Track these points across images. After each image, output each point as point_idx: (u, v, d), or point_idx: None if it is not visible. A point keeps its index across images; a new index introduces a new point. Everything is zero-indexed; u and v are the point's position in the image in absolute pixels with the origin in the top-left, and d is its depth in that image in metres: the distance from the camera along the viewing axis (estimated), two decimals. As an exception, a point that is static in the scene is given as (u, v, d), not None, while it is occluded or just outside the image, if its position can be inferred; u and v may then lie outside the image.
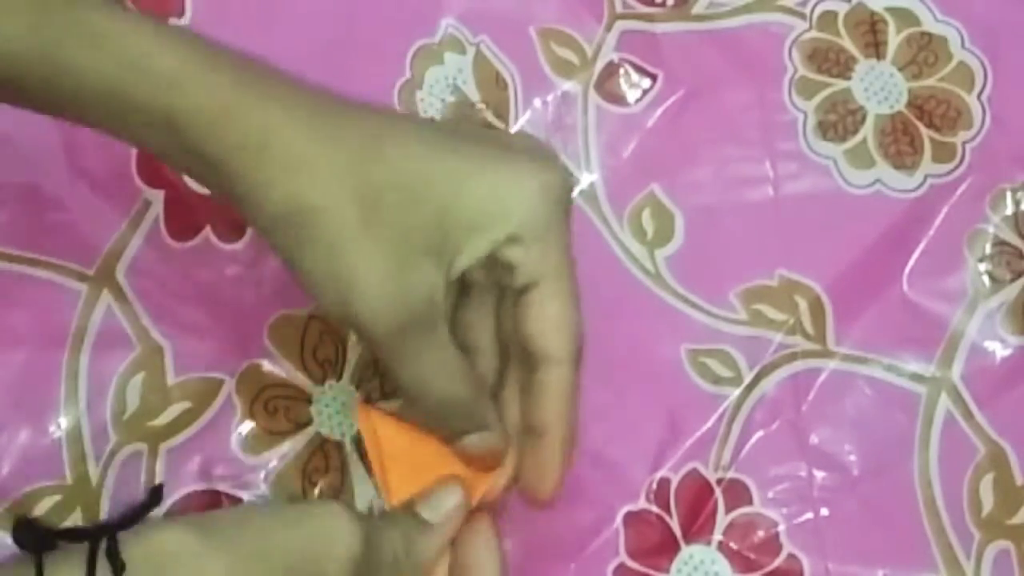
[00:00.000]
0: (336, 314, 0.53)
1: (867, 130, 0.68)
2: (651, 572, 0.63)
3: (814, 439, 0.65)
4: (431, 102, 0.68)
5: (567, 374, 0.55)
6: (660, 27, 0.70)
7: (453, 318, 0.57)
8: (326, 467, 0.63)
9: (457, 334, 0.56)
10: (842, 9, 0.70)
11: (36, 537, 0.50)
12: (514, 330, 0.55)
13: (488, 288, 0.57)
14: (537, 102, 0.68)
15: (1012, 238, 0.67)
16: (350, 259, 0.52)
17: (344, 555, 0.50)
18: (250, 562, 0.49)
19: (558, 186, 0.54)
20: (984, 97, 0.69)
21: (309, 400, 0.64)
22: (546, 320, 0.54)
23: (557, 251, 0.54)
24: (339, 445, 0.64)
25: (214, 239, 0.65)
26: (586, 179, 0.68)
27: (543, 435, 0.55)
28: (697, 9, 0.70)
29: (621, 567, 0.63)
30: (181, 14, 0.68)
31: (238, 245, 0.65)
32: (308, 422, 0.64)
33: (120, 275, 0.64)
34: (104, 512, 0.62)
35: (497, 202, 0.53)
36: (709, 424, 0.64)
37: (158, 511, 0.61)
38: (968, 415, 0.65)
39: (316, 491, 0.63)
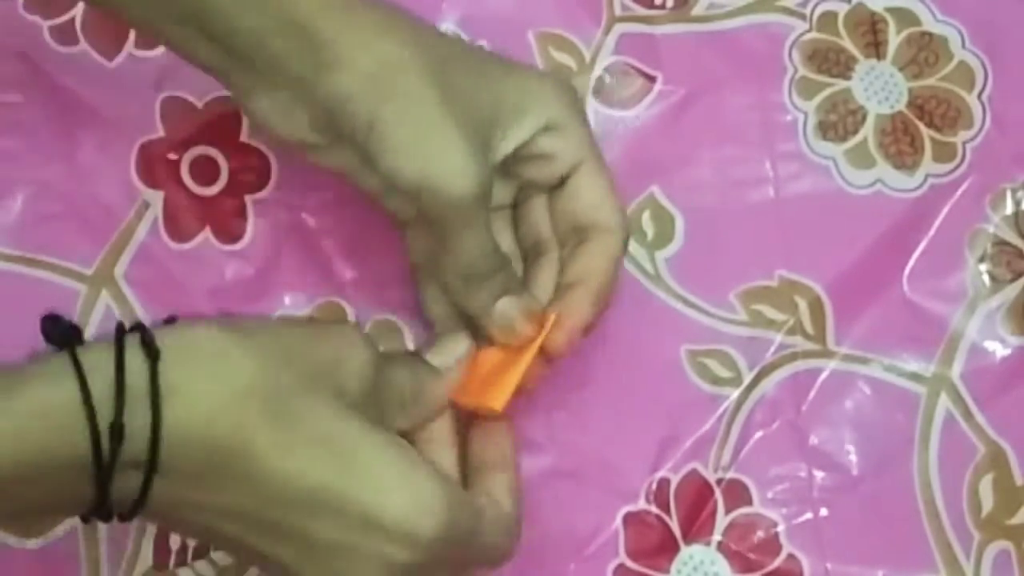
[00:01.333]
0: (415, 180, 0.54)
1: (867, 130, 0.68)
2: (651, 572, 0.63)
3: (814, 439, 0.65)
4: (431, 103, 0.68)
5: (615, 240, 0.59)
6: (659, 29, 0.70)
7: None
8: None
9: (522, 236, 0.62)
10: (842, 9, 0.70)
11: (63, 331, 0.49)
12: (561, 215, 0.60)
13: (505, 200, 0.61)
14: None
15: (1012, 238, 0.67)
16: (437, 121, 0.54)
17: (359, 371, 0.52)
18: (278, 365, 0.49)
19: (571, 86, 0.61)
20: (984, 97, 0.69)
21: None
22: (597, 191, 0.59)
23: (590, 138, 0.60)
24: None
25: (213, 240, 0.65)
26: (586, 179, 0.67)
27: (578, 286, 0.58)
28: (697, 10, 0.70)
29: (621, 568, 0.63)
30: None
31: (237, 246, 0.65)
32: (307, 422, 0.64)
33: (119, 276, 0.64)
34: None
35: (534, 93, 0.58)
36: (709, 425, 0.64)
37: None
38: (968, 415, 0.65)
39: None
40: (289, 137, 0.58)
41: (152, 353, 0.47)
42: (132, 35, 0.67)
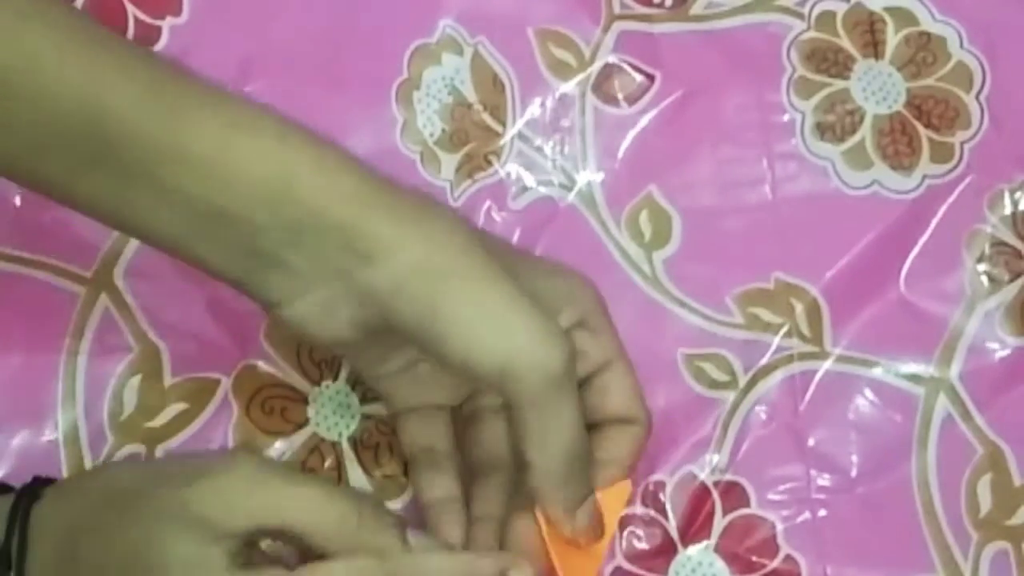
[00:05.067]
0: (495, 358, 0.51)
1: (865, 130, 0.68)
2: (649, 575, 0.63)
3: (812, 441, 0.65)
4: (428, 102, 0.68)
5: (642, 431, 0.59)
6: (658, 28, 0.70)
7: (466, 442, 0.61)
8: (322, 467, 0.63)
9: (474, 454, 0.60)
10: (840, 9, 0.70)
11: None
12: (591, 411, 0.58)
13: (497, 414, 0.59)
14: (535, 103, 0.68)
15: (1010, 238, 0.67)
16: (508, 290, 0.52)
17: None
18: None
19: (596, 288, 0.59)
20: (982, 97, 0.69)
21: (305, 400, 0.64)
22: (627, 390, 0.58)
23: (618, 338, 0.59)
24: (335, 445, 0.64)
25: (212, 240, 0.65)
26: (583, 181, 0.67)
27: (613, 465, 0.58)
28: (695, 9, 0.70)
29: (618, 571, 0.63)
30: (179, 14, 0.68)
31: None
32: (304, 422, 0.64)
33: (118, 277, 0.64)
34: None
35: (566, 288, 0.58)
36: (705, 428, 0.64)
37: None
38: (966, 416, 0.65)
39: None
40: (328, 339, 0.54)
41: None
42: (131, 33, 0.67)
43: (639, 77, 0.69)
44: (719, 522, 0.63)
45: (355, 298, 0.52)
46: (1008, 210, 0.68)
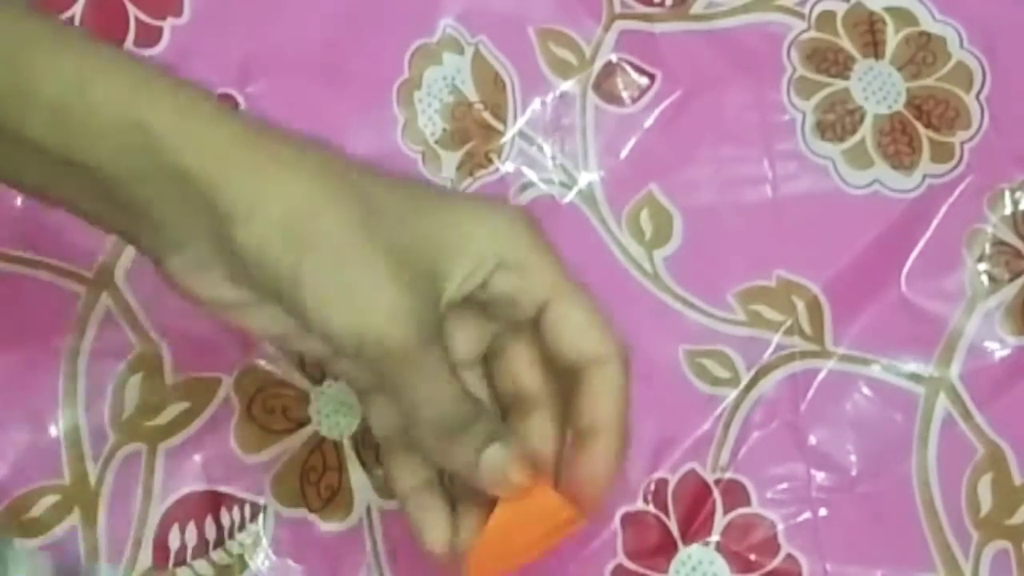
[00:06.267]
0: (348, 336, 0.48)
1: (865, 130, 0.68)
2: (649, 573, 0.63)
3: (812, 439, 0.65)
4: (429, 102, 0.68)
5: (615, 371, 0.53)
6: (659, 27, 0.70)
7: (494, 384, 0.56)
8: (324, 466, 0.63)
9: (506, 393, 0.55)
10: (840, 9, 0.70)
11: None
12: (546, 362, 0.53)
13: (471, 353, 0.55)
14: (535, 102, 0.68)
15: (1010, 238, 0.67)
16: (362, 265, 0.48)
17: None
18: None
19: (530, 217, 0.53)
20: (982, 97, 0.69)
21: (307, 399, 0.64)
22: (575, 325, 0.52)
23: (554, 271, 0.52)
24: (337, 444, 0.64)
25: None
26: (584, 179, 0.68)
27: (598, 436, 0.52)
28: (695, 9, 0.70)
29: (619, 568, 0.63)
30: (180, 15, 0.68)
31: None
32: (306, 421, 0.64)
33: (119, 277, 0.64)
34: (102, 512, 0.62)
35: (482, 229, 0.52)
36: (707, 425, 0.64)
37: (157, 510, 0.62)
38: (966, 415, 0.65)
39: (315, 491, 0.63)
40: (209, 297, 0.51)
41: None
42: (131, 34, 0.67)
43: (640, 76, 0.69)
44: (720, 520, 0.63)
45: (226, 257, 0.49)
46: (1008, 210, 0.68)
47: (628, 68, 0.69)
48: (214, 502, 0.62)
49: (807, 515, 0.64)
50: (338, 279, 0.48)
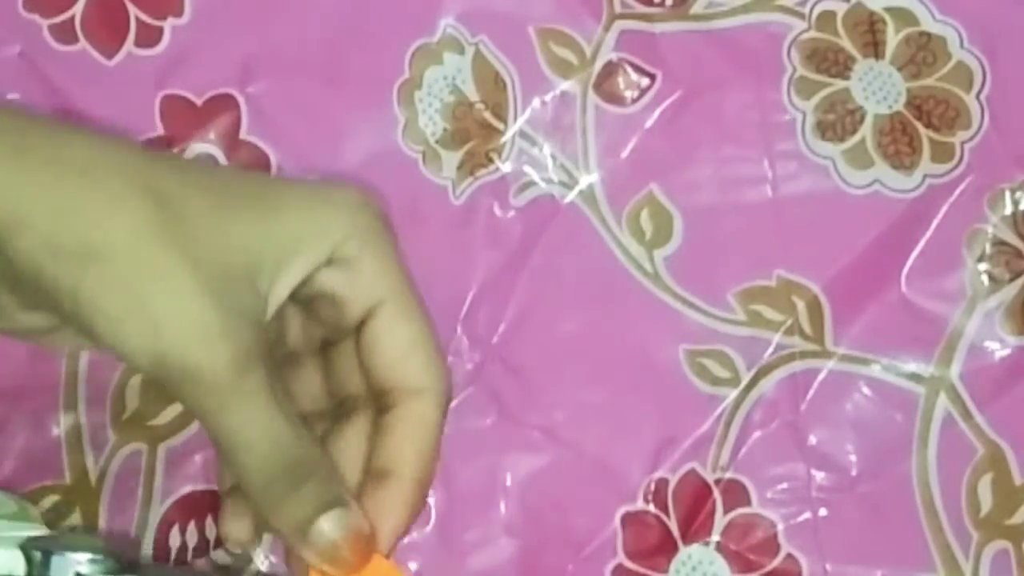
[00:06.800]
0: (146, 358, 0.43)
1: (866, 130, 0.68)
2: (649, 573, 0.63)
3: (812, 439, 0.65)
4: (430, 102, 0.68)
5: (427, 407, 0.48)
6: (659, 27, 0.70)
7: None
8: (325, 467, 0.63)
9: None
10: (841, 9, 0.70)
11: None
12: (362, 373, 0.48)
13: (310, 351, 0.50)
14: (536, 102, 0.68)
15: (1011, 238, 0.67)
16: (159, 277, 0.43)
17: None
18: None
19: (371, 205, 0.49)
20: (983, 97, 0.69)
21: (307, 400, 0.64)
22: (397, 344, 0.48)
23: (390, 270, 0.48)
24: (338, 445, 0.63)
25: (213, 239, 0.65)
26: (585, 179, 0.68)
27: (388, 482, 0.47)
28: (696, 9, 0.70)
29: (619, 568, 0.63)
30: (180, 15, 0.68)
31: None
32: (307, 422, 0.64)
33: (119, 275, 0.64)
34: (103, 511, 0.62)
35: (312, 219, 0.47)
36: (707, 425, 0.64)
37: (157, 509, 0.62)
38: (967, 415, 0.65)
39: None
40: (6, 328, 0.47)
41: None
42: (132, 34, 0.67)
43: (640, 76, 0.69)
44: (720, 520, 0.63)
45: (9, 283, 0.45)
46: (1008, 210, 0.68)
47: (628, 68, 0.69)
48: (214, 502, 0.62)
49: (807, 515, 0.64)
50: (129, 293, 0.43)
